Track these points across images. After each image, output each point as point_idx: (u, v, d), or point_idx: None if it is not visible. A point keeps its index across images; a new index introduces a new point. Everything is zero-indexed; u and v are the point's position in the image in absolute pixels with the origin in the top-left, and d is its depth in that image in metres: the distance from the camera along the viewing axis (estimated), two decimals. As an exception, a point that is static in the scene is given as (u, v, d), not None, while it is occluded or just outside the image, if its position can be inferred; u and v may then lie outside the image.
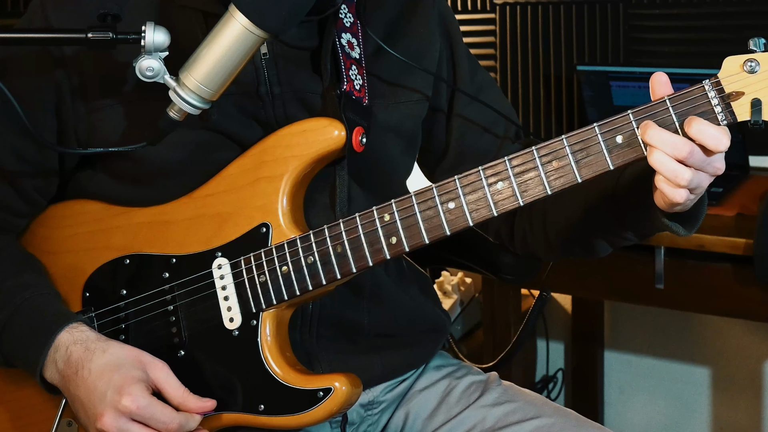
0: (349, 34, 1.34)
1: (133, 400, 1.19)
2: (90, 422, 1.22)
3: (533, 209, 1.41)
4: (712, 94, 1.11)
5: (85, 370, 1.22)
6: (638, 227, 1.29)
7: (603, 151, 1.14)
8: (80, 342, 1.24)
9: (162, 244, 1.29)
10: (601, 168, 1.14)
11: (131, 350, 1.25)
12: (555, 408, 1.41)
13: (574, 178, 1.15)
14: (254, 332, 1.25)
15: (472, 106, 1.44)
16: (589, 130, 1.14)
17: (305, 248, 1.24)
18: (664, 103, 1.12)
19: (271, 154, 1.27)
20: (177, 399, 1.23)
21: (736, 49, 1.15)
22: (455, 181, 1.19)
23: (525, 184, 1.17)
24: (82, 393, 1.22)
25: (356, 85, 1.32)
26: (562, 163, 1.15)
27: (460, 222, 1.19)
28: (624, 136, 1.13)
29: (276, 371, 1.24)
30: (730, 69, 1.11)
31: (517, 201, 1.17)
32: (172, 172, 1.29)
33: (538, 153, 1.16)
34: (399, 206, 1.21)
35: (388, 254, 1.21)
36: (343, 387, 1.23)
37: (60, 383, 1.25)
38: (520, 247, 1.46)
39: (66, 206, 1.37)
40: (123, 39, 1.16)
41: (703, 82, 1.12)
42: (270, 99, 1.29)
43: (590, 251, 1.39)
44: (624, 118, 1.13)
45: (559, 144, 1.15)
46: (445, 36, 1.44)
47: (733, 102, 1.11)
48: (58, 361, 1.24)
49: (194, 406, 1.23)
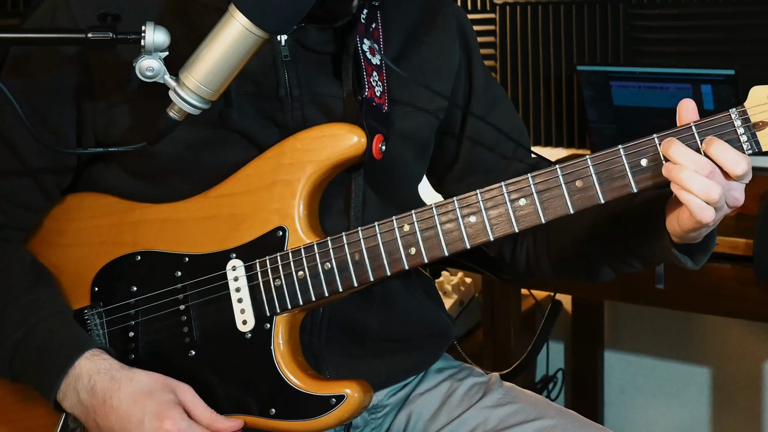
0: (371, 40, 1.33)
1: (174, 424, 1.19)
2: None
3: (538, 230, 1.40)
4: (738, 123, 1.11)
5: (114, 399, 1.21)
6: (646, 255, 1.29)
7: (627, 173, 1.14)
8: (104, 371, 1.23)
9: (175, 243, 1.29)
10: (625, 190, 1.14)
11: (158, 376, 1.25)
12: (557, 409, 1.41)
13: (596, 198, 1.15)
14: (267, 336, 1.25)
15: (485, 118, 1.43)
16: (614, 152, 1.14)
17: (322, 254, 1.23)
18: (689, 129, 1.12)
19: (289, 158, 1.26)
20: (206, 421, 1.23)
21: (735, 49, 1.15)
22: (477, 194, 1.18)
23: (547, 202, 1.16)
24: (114, 422, 1.21)
25: (377, 91, 1.31)
26: (585, 183, 1.15)
27: (481, 237, 1.18)
28: (648, 159, 1.13)
29: (288, 376, 1.24)
30: (756, 99, 1.12)
31: (539, 218, 1.16)
32: (184, 169, 1.29)
33: (562, 171, 1.15)
34: (419, 217, 1.20)
35: (406, 265, 1.21)
36: (356, 394, 1.22)
37: (82, 413, 1.24)
38: (522, 267, 1.46)
39: (77, 199, 1.36)
40: (123, 39, 1.15)
41: (729, 111, 1.12)
42: (289, 101, 1.29)
43: (593, 276, 1.39)
44: (649, 141, 1.13)
45: (582, 164, 1.15)
46: (464, 47, 1.43)
47: (759, 131, 1.11)
48: (80, 390, 1.23)
49: (223, 427, 1.24)
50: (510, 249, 1.46)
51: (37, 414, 1.33)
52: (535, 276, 1.50)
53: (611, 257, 1.34)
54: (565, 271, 1.42)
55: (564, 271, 1.42)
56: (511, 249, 1.46)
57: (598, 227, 1.32)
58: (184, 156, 1.27)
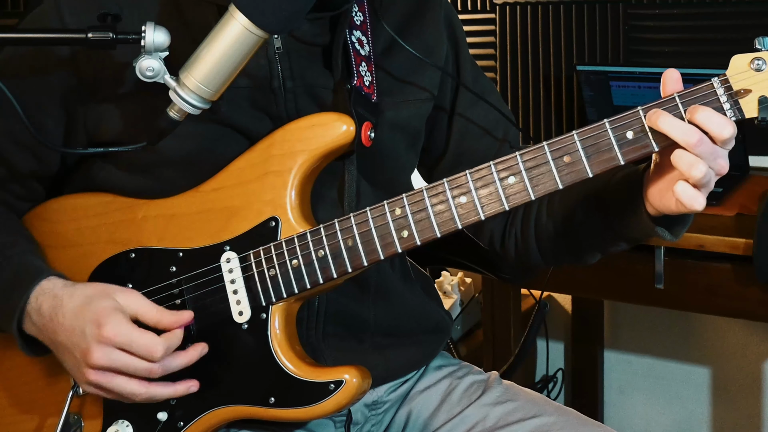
0: (359, 32, 1.35)
1: (112, 328, 1.18)
2: (79, 364, 1.21)
3: (525, 216, 1.42)
4: (721, 91, 1.13)
5: (59, 316, 1.21)
6: (626, 231, 1.30)
7: (614, 146, 1.15)
8: (47, 291, 1.24)
9: (168, 238, 1.29)
10: (611, 163, 1.16)
11: (98, 285, 1.24)
12: (556, 407, 1.42)
13: (585, 172, 1.16)
14: (264, 326, 1.26)
15: (473, 108, 1.45)
16: (600, 126, 1.15)
17: (315, 242, 1.24)
18: (673, 100, 1.14)
19: (279, 148, 1.27)
20: (153, 320, 1.22)
21: (735, 49, 1.16)
22: (467, 175, 1.19)
23: (536, 179, 1.17)
24: (63, 338, 1.21)
25: (366, 81, 1.32)
26: (573, 158, 1.16)
27: (472, 216, 1.19)
28: (634, 132, 1.14)
29: (286, 364, 1.25)
30: (737, 67, 1.13)
31: (528, 195, 1.18)
32: (181, 164, 1.29)
33: (549, 148, 1.17)
34: (410, 200, 1.21)
35: (399, 248, 1.22)
36: (354, 379, 1.23)
37: (38, 334, 1.25)
38: (512, 254, 1.47)
39: (68, 200, 1.37)
40: (123, 39, 1.16)
41: (711, 80, 1.13)
42: (282, 93, 1.30)
43: (578, 256, 1.41)
44: (634, 114, 1.15)
45: (569, 139, 1.16)
46: (452, 40, 1.45)
47: (741, 99, 1.13)
48: (31, 314, 1.24)
49: (168, 321, 1.22)
50: (499, 237, 1.47)
51: (37, 416, 1.34)
52: (528, 268, 1.51)
53: (593, 235, 1.35)
54: (552, 255, 1.43)
55: (551, 254, 1.43)
56: (500, 237, 1.47)
57: (579, 206, 1.34)
58: (180, 151, 1.28)
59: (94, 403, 1.31)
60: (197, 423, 1.27)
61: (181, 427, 1.27)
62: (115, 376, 1.20)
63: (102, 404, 1.30)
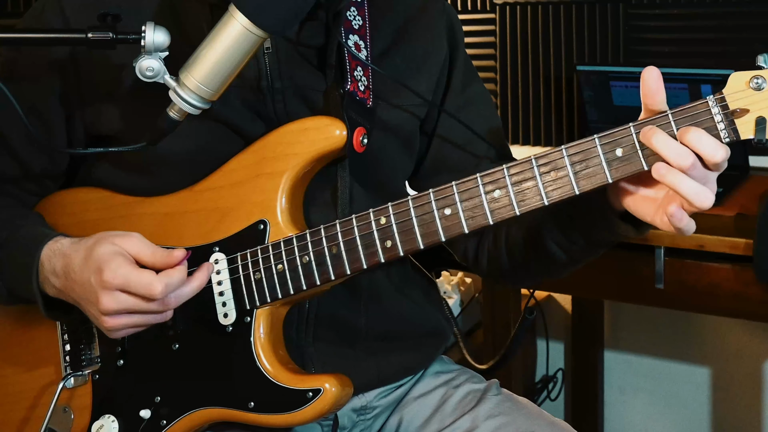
0: (357, 36, 1.34)
1: (111, 272, 1.18)
2: (98, 315, 1.21)
3: (498, 231, 1.39)
4: (716, 110, 1.08)
5: (71, 272, 1.22)
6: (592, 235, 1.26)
7: (602, 164, 1.12)
8: (57, 251, 1.24)
9: (161, 237, 1.29)
10: (599, 181, 1.12)
11: (99, 234, 1.24)
12: (549, 422, 1.39)
13: (571, 189, 1.13)
14: (248, 329, 1.26)
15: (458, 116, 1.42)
16: (589, 142, 1.12)
17: (301, 247, 1.24)
18: (666, 117, 1.10)
19: (272, 151, 1.27)
20: (149, 261, 1.21)
21: (735, 49, 1.14)
22: (452, 187, 1.18)
23: (522, 194, 1.15)
24: (79, 292, 1.22)
25: (360, 86, 1.32)
26: (560, 174, 1.13)
27: (456, 229, 1.18)
28: (624, 150, 1.11)
29: (267, 369, 1.25)
30: (735, 85, 1.08)
31: (513, 210, 1.16)
32: (176, 163, 1.30)
33: (537, 162, 1.14)
34: (395, 209, 1.20)
35: (382, 257, 1.21)
36: (333, 388, 1.23)
37: (63, 297, 1.26)
38: (485, 269, 1.44)
39: (67, 195, 1.38)
40: (123, 39, 1.16)
41: (707, 98, 1.09)
42: (270, 93, 1.29)
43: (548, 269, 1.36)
44: (625, 131, 1.11)
45: (558, 154, 1.13)
46: (451, 43, 1.43)
47: (737, 119, 1.08)
48: (50, 277, 1.25)
49: (161, 261, 1.21)
50: (473, 251, 1.44)
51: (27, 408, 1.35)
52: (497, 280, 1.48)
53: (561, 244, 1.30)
54: (522, 268, 1.39)
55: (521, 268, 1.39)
56: (474, 251, 1.44)
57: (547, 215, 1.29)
58: (176, 149, 1.28)
59: (82, 396, 1.32)
60: (180, 422, 1.28)
61: (164, 426, 1.28)
62: (131, 316, 1.20)
63: (90, 398, 1.31)
